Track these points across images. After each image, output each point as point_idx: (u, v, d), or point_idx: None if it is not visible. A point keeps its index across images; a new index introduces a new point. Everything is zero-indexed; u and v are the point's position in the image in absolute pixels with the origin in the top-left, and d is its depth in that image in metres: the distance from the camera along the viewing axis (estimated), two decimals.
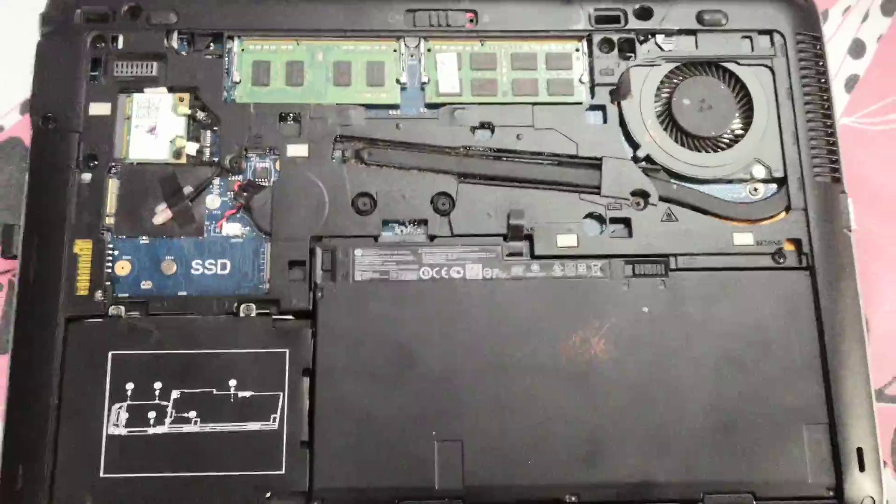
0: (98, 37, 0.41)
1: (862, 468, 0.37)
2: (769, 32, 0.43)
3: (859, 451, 0.37)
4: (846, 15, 0.48)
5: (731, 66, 0.42)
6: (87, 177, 0.39)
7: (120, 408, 0.36)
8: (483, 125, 0.41)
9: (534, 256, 0.39)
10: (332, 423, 0.37)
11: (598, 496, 0.36)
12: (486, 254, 0.39)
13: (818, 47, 0.43)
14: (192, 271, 0.38)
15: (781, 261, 0.40)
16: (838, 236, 0.40)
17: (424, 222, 0.40)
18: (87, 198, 0.39)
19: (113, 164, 0.40)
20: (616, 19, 0.42)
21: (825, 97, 0.42)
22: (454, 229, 0.40)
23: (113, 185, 0.39)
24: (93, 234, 0.39)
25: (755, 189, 0.41)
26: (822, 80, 0.42)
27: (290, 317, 0.38)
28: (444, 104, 0.41)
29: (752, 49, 0.42)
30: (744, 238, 0.40)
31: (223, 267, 0.39)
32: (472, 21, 0.42)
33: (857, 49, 0.47)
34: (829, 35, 0.47)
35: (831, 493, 0.37)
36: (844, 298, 0.39)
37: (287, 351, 0.37)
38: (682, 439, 0.37)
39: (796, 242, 0.40)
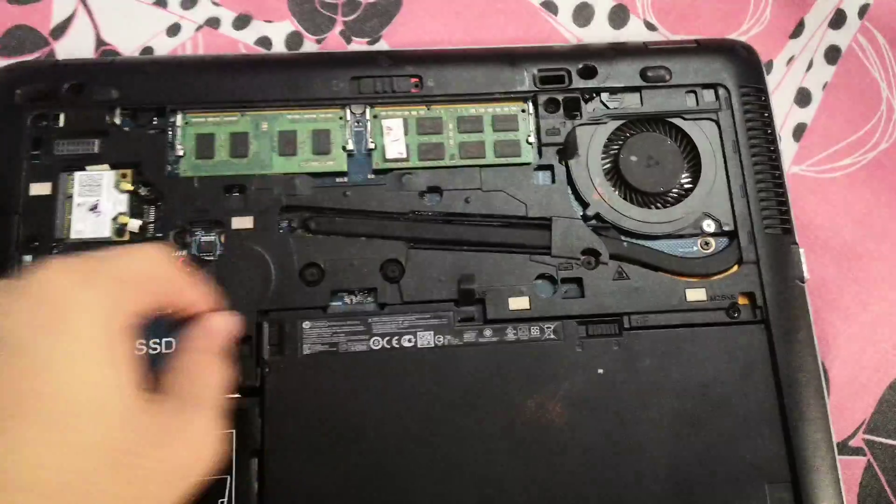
0: (39, 115, 0.39)
1: None
2: (713, 86, 0.42)
3: None
4: (790, 65, 0.47)
5: (677, 120, 0.42)
6: (28, 258, 0.38)
7: None
8: (431, 189, 0.40)
9: (486, 321, 0.38)
10: None
11: None
12: (437, 320, 0.38)
13: (763, 98, 0.42)
14: (136, 352, 0.37)
15: (735, 315, 0.39)
16: (792, 288, 0.39)
17: (374, 290, 0.38)
18: None
19: (54, 244, 0.38)
20: (560, 79, 0.42)
21: (772, 148, 0.41)
22: (404, 297, 0.38)
23: None
24: None
25: (706, 243, 0.40)
26: (769, 132, 0.42)
27: (237, 395, 0.36)
28: (391, 170, 0.40)
29: (697, 103, 0.42)
30: (697, 294, 0.39)
31: (168, 346, 0.37)
32: (416, 86, 0.41)
33: (803, 98, 0.46)
34: (775, 85, 0.46)
35: None
36: (801, 351, 0.38)
37: (234, 432, 0.35)
38: (642, 503, 0.36)
39: (750, 296, 0.39)
